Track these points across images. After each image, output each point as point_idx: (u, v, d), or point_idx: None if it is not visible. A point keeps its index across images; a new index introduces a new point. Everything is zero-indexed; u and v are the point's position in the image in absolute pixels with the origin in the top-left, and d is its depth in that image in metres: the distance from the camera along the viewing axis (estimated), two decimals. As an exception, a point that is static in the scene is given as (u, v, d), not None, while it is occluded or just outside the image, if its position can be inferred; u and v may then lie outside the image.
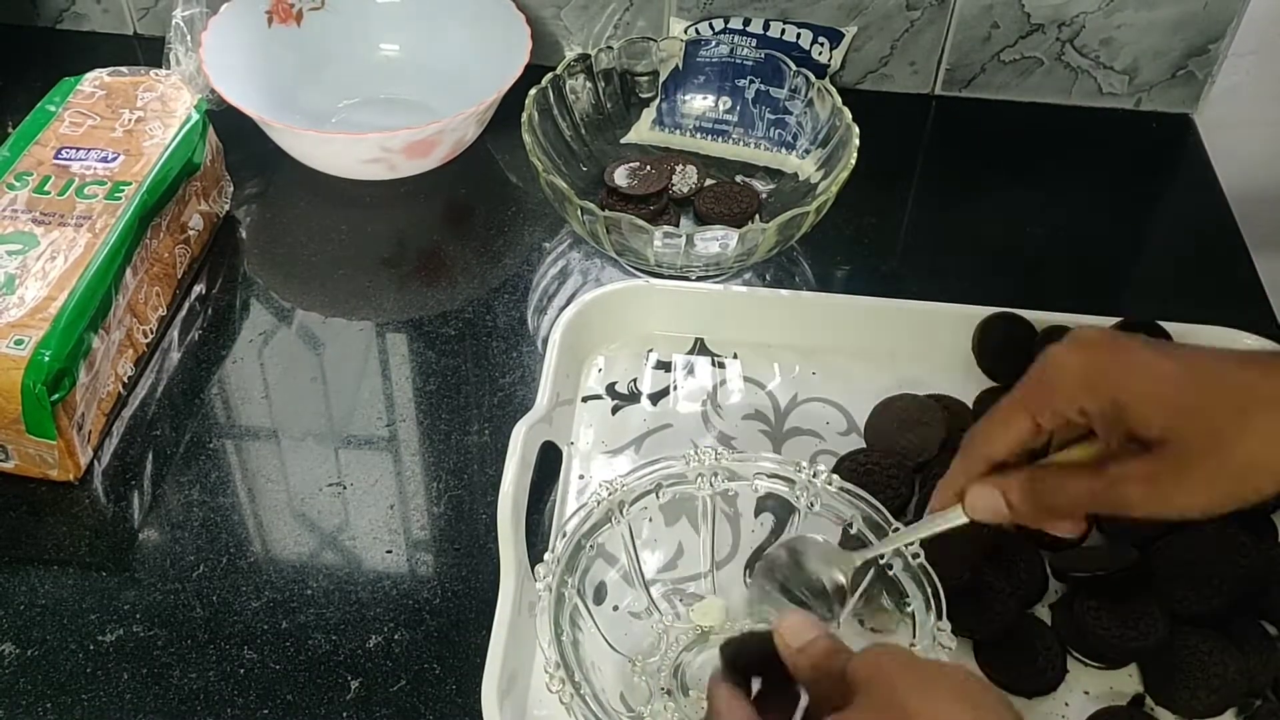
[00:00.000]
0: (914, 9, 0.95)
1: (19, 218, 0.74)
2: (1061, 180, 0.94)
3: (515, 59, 0.89)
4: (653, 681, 0.61)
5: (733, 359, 0.78)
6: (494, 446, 0.73)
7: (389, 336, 0.81)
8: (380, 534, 0.69)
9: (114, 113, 0.81)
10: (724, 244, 0.76)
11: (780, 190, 0.89)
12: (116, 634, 0.64)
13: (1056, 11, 0.93)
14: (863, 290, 0.81)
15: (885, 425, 0.73)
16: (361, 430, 0.75)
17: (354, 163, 0.89)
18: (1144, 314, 0.75)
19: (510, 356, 0.79)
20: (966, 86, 1.00)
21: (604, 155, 0.91)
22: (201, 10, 0.83)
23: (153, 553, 0.68)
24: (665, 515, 0.65)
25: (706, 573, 0.65)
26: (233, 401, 0.76)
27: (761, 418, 0.75)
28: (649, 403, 0.76)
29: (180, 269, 0.81)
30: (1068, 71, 0.97)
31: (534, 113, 0.84)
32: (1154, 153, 0.97)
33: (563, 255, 0.86)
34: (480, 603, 0.66)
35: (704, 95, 0.92)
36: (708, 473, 0.63)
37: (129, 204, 0.74)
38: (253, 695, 0.62)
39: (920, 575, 0.59)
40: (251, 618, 0.65)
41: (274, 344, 0.80)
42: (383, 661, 0.63)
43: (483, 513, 0.70)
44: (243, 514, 0.70)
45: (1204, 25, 0.93)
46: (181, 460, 0.73)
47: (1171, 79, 0.97)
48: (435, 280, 0.85)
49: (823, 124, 0.86)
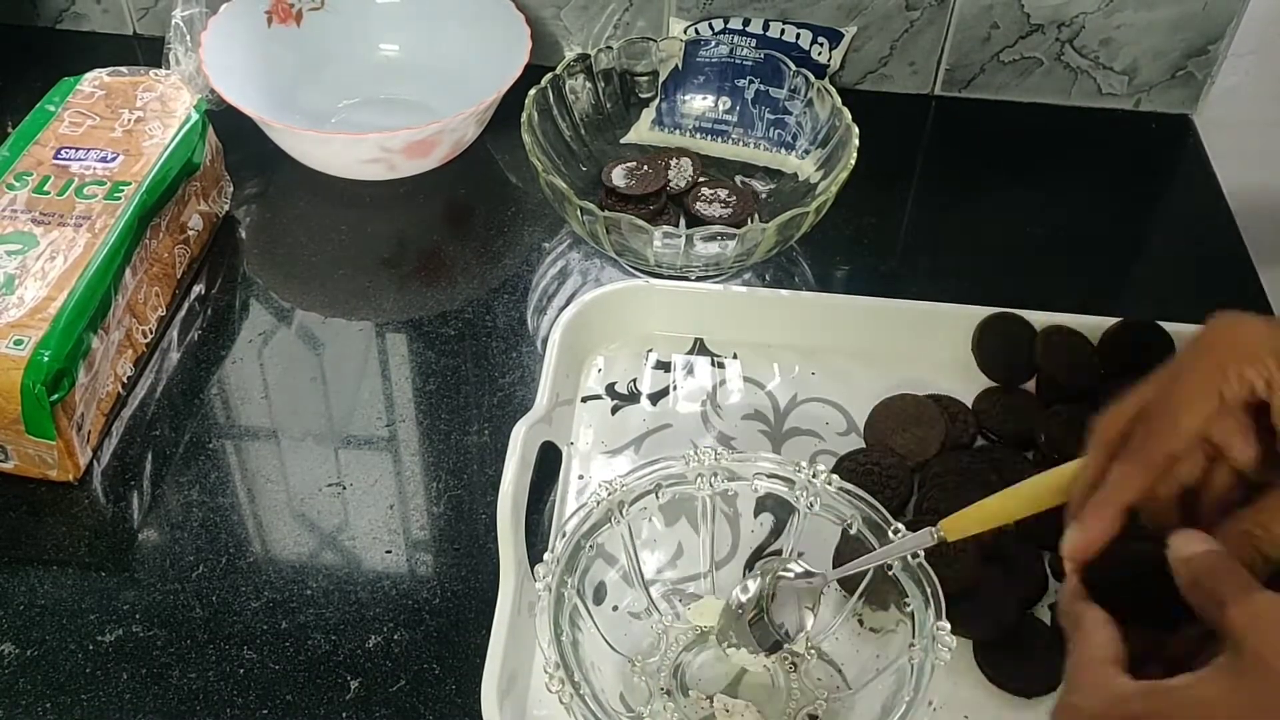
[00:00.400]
0: (914, 9, 0.95)
1: (18, 218, 0.74)
2: (1061, 180, 0.94)
3: (515, 59, 0.89)
4: (652, 682, 0.61)
5: (732, 359, 0.78)
6: (494, 446, 0.73)
7: (389, 336, 0.81)
8: (380, 534, 0.69)
9: (113, 113, 0.81)
10: (723, 245, 0.76)
11: (780, 190, 0.89)
12: (116, 634, 0.64)
13: (1056, 12, 0.93)
14: (863, 290, 0.81)
15: (884, 425, 0.73)
16: (361, 430, 0.75)
17: (354, 163, 0.89)
18: (1144, 314, 0.75)
19: (510, 356, 0.79)
20: (966, 87, 1.00)
21: (604, 155, 0.91)
22: (201, 10, 0.83)
23: (152, 553, 0.68)
24: (665, 515, 0.65)
25: (706, 573, 0.65)
26: (232, 401, 0.76)
27: (761, 418, 0.75)
28: (649, 403, 0.76)
29: (180, 269, 0.81)
30: (1067, 72, 0.98)
31: (534, 113, 0.84)
32: (1154, 153, 0.97)
33: (563, 255, 0.86)
34: (480, 603, 0.66)
35: (704, 95, 0.92)
36: (707, 473, 0.63)
37: (128, 204, 0.74)
38: (252, 695, 0.62)
39: (920, 575, 0.59)
40: (251, 618, 0.65)
41: (274, 344, 0.80)
42: (382, 661, 0.63)
43: (482, 513, 0.70)
44: (242, 514, 0.70)
45: (1204, 25, 0.93)
46: (181, 460, 0.73)
47: (1171, 79, 0.97)
48: (435, 280, 0.85)
49: (822, 124, 0.86)
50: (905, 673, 0.57)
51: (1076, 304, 0.77)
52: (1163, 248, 0.90)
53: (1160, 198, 0.94)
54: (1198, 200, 0.94)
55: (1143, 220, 0.92)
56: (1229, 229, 0.90)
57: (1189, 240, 0.91)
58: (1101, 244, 0.89)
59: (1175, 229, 0.92)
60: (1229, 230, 0.90)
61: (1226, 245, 0.89)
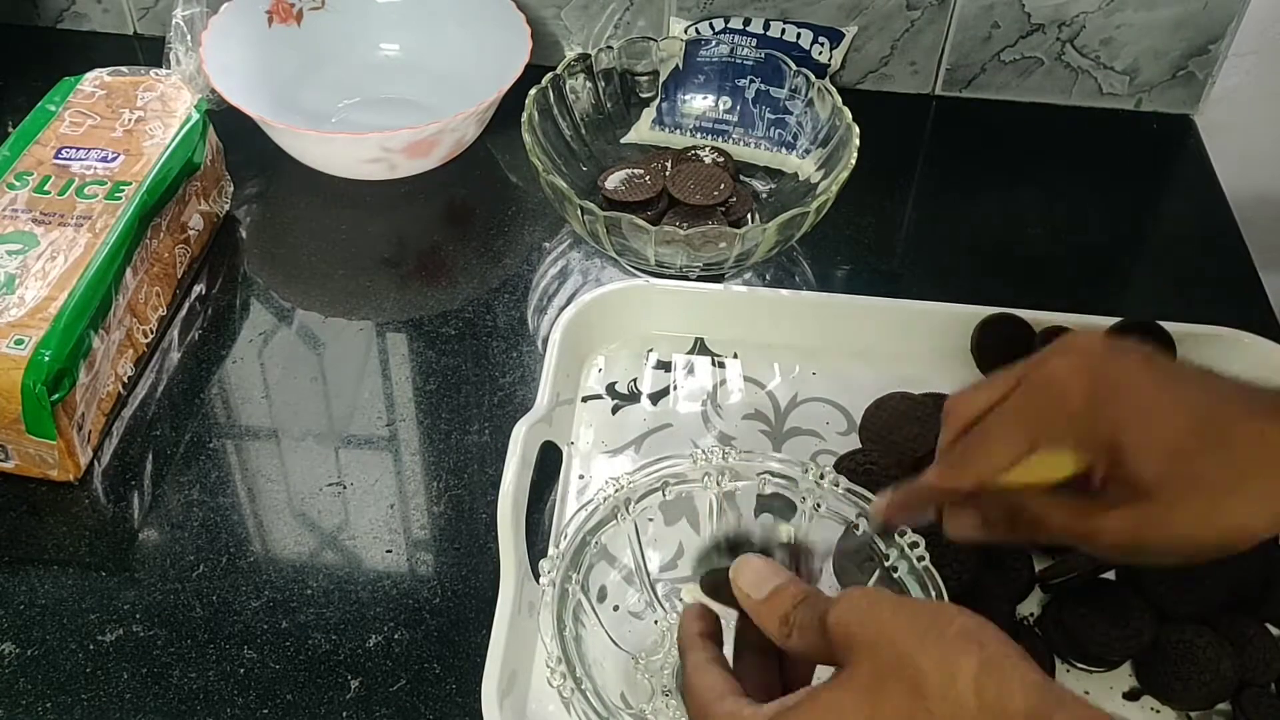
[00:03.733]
0: (914, 9, 0.95)
1: (19, 217, 0.74)
2: (1061, 180, 0.94)
3: (515, 59, 0.89)
4: (655, 680, 0.61)
5: (733, 359, 0.78)
6: (494, 446, 0.73)
7: (389, 336, 0.81)
8: (380, 534, 0.69)
9: (114, 112, 0.81)
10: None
11: (780, 190, 0.89)
12: (116, 634, 0.64)
13: (1057, 11, 0.93)
14: (863, 290, 0.81)
15: (880, 423, 0.73)
16: (361, 430, 0.75)
17: (354, 162, 0.89)
18: (1144, 314, 0.75)
19: (510, 356, 0.79)
20: (967, 86, 1.00)
21: (604, 155, 0.91)
22: (202, 10, 0.83)
23: (152, 552, 0.68)
24: (665, 515, 0.65)
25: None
26: (233, 401, 0.76)
27: (761, 418, 0.75)
28: (649, 402, 0.76)
29: (180, 269, 0.81)
30: (1068, 72, 0.98)
31: (534, 113, 0.84)
32: (1154, 153, 0.97)
33: (563, 255, 0.86)
34: (480, 602, 0.66)
35: (704, 95, 0.92)
36: (714, 472, 0.63)
37: (129, 204, 0.74)
38: (252, 695, 0.62)
39: (925, 578, 0.58)
40: (251, 617, 0.65)
41: (274, 344, 0.80)
42: (382, 661, 0.63)
43: (483, 512, 0.70)
44: (243, 514, 0.70)
45: (1204, 25, 0.93)
46: (181, 460, 0.73)
47: (1172, 79, 0.97)
48: (435, 280, 0.85)
49: (823, 124, 0.86)
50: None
51: (1076, 304, 0.77)
52: (1163, 248, 0.90)
53: (1161, 198, 0.94)
54: (1198, 200, 0.94)
55: (1143, 220, 0.92)
56: (1229, 229, 0.90)
57: (1189, 240, 0.91)
58: (1101, 244, 0.89)
59: (1175, 229, 0.92)
60: (1229, 230, 0.90)
61: (1227, 245, 0.89)
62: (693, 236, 0.76)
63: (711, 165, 0.87)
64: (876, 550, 0.61)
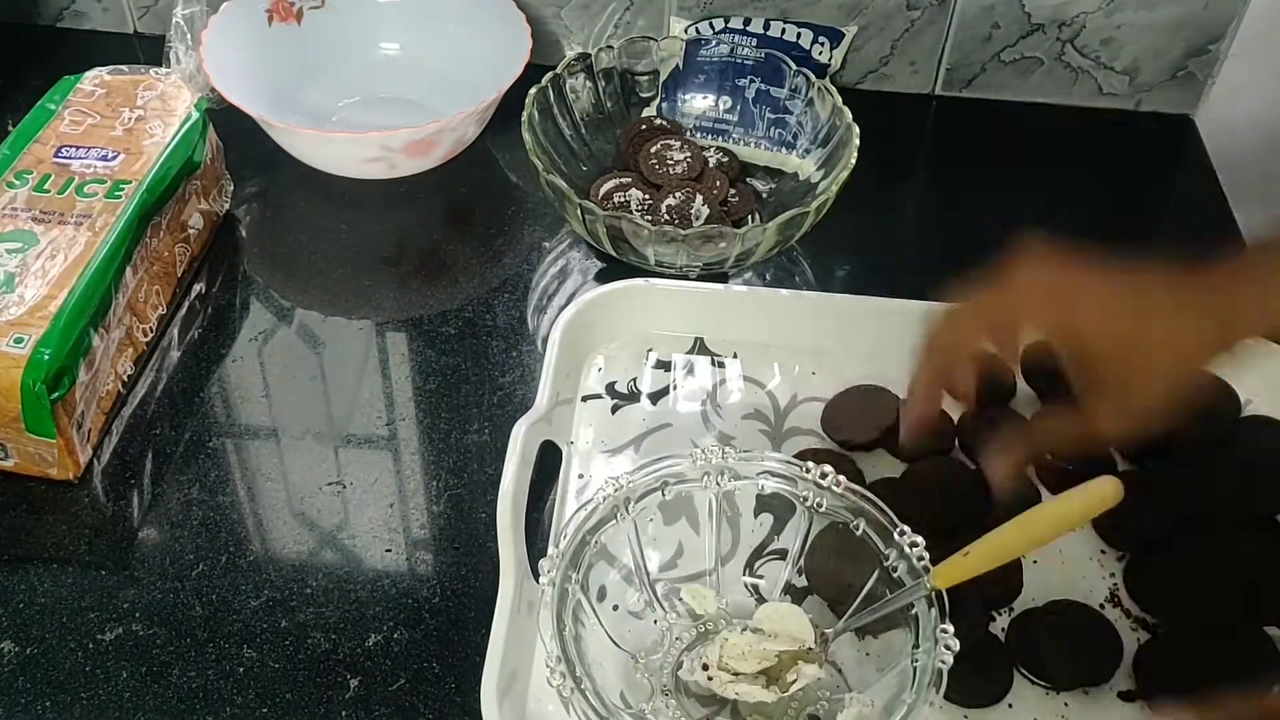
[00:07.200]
0: (914, 9, 0.95)
1: (19, 216, 0.74)
2: (1062, 180, 0.94)
3: (515, 58, 0.89)
4: (655, 679, 0.61)
5: (732, 359, 0.78)
6: (494, 445, 0.73)
7: (389, 336, 0.81)
8: (380, 533, 0.69)
9: (114, 111, 0.81)
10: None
11: (780, 190, 0.89)
12: (116, 632, 0.64)
13: (1057, 11, 0.93)
14: (863, 290, 0.81)
15: (839, 416, 0.73)
16: (361, 429, 0.75)
17: (354, 162, 0.89)
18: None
19: (510, 356, 0.79)
20: (967, 86, 1.00)
21: (604, 155, 0.91)
22: (202, 9, 0.83)
23: (152, 551, 0.68)
24: (665, 514, 0.65)
25: (711, 570, 0.65)
26: (232, 400, 0.76)
27: (761, 417, 0.75)
28: (649, 402, 0.76)
29: (180, 268, 0.81)
30: (1068, 71, 0.98)
31: (534, 112, 0.84)
32: (1154, 153, 0.97)
33: (563, 255, 0.86)
34: (480, 602, 0.66)
35: (704, 95, 0.92)
36: (714, 471, 0.63)
37: (129, 203, 0.74)
38: (252, 694, 0.62)
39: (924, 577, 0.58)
40: (251, 616, 0.65)
41: (274, 343, 0.80)
42: (382, 660, 0.63)
43: (482, 512, 0.70)
44: (242, 513, 0.70)
45: (1204, 25, 0.93)
46: (181, 459, 0.73)
47: (1172, 79, 0.97)
48: (435, 280, 0.85)
49: (823, 124, 0.86)
50: (908, 675, 0.57)
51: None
52: (1163, 248, 0.90)
53: (1160, 198, 0.94)
54: (1198, 200, 0.94)
55: (1143, 220, 0.92)
56: (1230, 229, 0.90)
57: (1189, 240, 0.90)
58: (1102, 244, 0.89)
59: (1175, 229, 0.92)
60: (1230, 230, 0.90)
61: (1227, 245, 0.89)
62: (692, 237, 0.76)
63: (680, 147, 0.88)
64: (877, 550, 0.61)
